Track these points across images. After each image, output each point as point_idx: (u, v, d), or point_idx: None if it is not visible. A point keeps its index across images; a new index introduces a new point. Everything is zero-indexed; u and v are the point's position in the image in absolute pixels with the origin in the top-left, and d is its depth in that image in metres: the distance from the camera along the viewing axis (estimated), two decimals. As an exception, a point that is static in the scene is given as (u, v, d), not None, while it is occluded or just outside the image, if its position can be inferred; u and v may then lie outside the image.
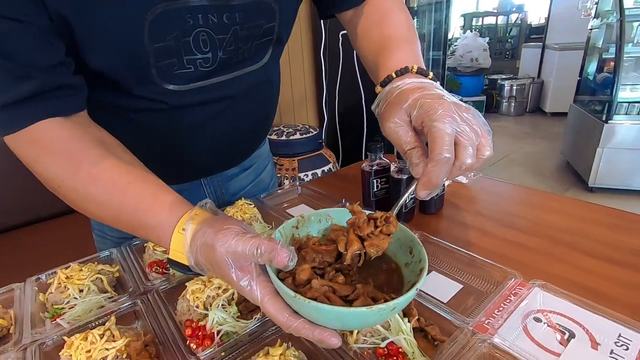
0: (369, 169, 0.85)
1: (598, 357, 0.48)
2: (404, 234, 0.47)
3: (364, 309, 0.35)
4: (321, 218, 0.51)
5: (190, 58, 0.58)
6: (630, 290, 0.59)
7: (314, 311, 0.36)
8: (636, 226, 0.77)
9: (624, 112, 2.69)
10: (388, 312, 0.36)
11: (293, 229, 0.49)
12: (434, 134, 0.40)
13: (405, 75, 0.51)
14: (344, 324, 0.39)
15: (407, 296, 0.36)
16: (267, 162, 1.05)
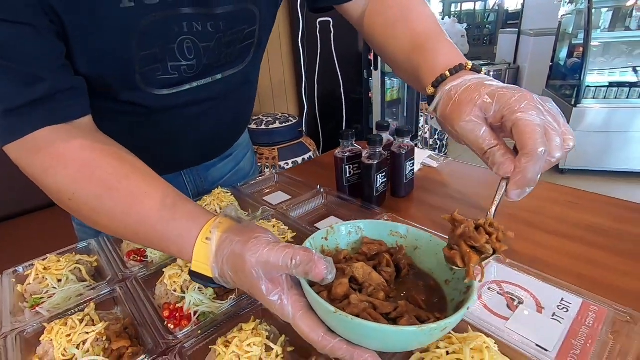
0: (342, 155, 0.89)
1: (542, 319, 0.53)
2: (441, 247, 0.43)
3: (414, 328, 0.32)
4: (351, 230, 0.48)
5: (175, 64, 0.59)
6: (576, 261, 0.65)
7: (356, 329, 0.33)
8: (592, 204, 0.83)
9: (592, 96, 2.81)
10: (438, 332, 0.33)
11: (322, 240, 0.46)
12: (523, 127, 0.36)
13: (460, 72, 0.47)
14: (386, 345, 0.36)
15: (458, 315, 0.34)
16: (247, 151, 1.06)
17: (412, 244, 0.46)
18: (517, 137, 0.37)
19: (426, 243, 0.45)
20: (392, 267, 0.43)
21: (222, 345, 0.45)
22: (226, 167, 0.97)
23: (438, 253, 0.43)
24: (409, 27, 0.59)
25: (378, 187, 0.86)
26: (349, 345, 0.34)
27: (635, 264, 0.62)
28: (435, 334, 0.34)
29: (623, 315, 0.50)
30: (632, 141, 2.79)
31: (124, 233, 0.48)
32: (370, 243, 0.46)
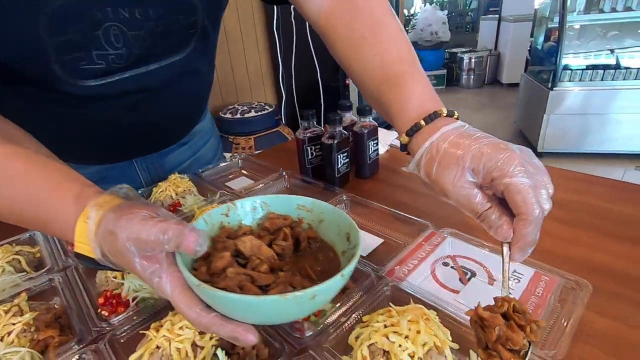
0: (303, 136, 0.86)
1: (492, 290, 0.52)
2: (342, 220, 0.43)
3: (276, 296, 0.30)
4: (256, 206, 0.47)
5: (101, 54, 0.54)
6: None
7: (221, 301, 0.32)
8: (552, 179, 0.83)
9: (568, 79, 2.83)
10: (306, 300, 0.32)
11: (222, 217, 0.44)
12: (516, 192, 0.36)
13: (436, 121, 0.44)
14: (261, 317, 0.34)
15: (328, 284, 0.32)
16: (208, 138, 1.02)
17: (318, 217, 0.45)
18: (511, 202, 0.37)
19: (330, 215, 0.44)
20: (289, 240, 0.42)
21: (154, 330, 0.43)
22: (184, 155, 0.93)
23: (340, 225, 0.43)
24: (379, 49, 0.53)
25: (340, 167, 0.84)
26: (223, 320, 0.33)
27: (585, 233, 0.62)
28: (304, 302, 0.32)
29: (570, 282, 0.50)
30: (608, 123, 2.84)
31: (12, 217, 0.44)
32: (275, 218, 0.44)
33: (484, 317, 0.37)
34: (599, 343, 0.43)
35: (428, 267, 0.58)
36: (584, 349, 0.43)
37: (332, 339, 0.43)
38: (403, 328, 0.39)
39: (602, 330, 0.45)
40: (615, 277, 0.52)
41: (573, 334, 0.42)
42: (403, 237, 0.65)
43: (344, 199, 0.75)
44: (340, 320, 0.45)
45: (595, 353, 0.42)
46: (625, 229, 0.62)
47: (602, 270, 0.54)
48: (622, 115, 2.79)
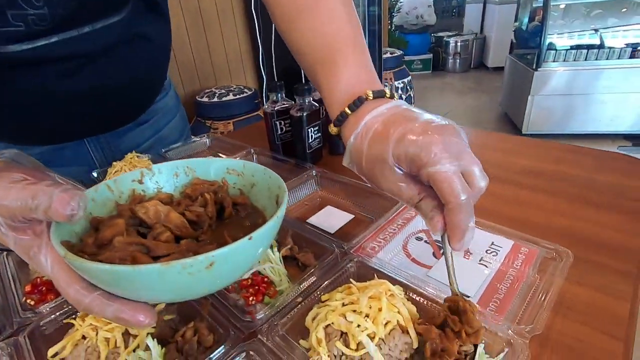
0: (271, 110, 0.80)
1: (467, 264, 0.48)
2: (273, 181, 0.37)
3: (155, 265, 0.24)
4: (178, 171, 0.40)
5: (18, 13, 0.47)
6: (510, 204, 0.60)
7: (90, 274, 0.26)
8: (533, 150, 0.79)
9: (552, 59, 2.81)
10: (201, 269, 0.25)
11: (134, 184, 0.38)
12: (439, 181, 0.32)
13: (362, 108, 0.39)
14: (148, 292, 0.27)
15: (229, 248, 0.26)
16: (172, 117, 0.95)
17: (250, 181, 0.40)
18: (438, 191, 0.33)
19: (261, 178, 0.38)
20: (210, 206, 0.36)
21: (80, 318, 0.37)
22: (143, 135, 0.86)
23: (270, 187, 0.37)
24: (316, 23, 0.47)
25: (311, 142, 0.78)
26: (108, 299, 0.27)
27: (567, 203, 0.58)
28: (199, 272, 0.25)
29: (550, 252, 0.46)
30: (592, 103, 2.83)
31: None
32: (199, 184, 0.39)
33: (418, 331, 0.34)
34: (579, 315, 0.39)
35: (400, 242, 0.53)
36: (564, 322, 0.39)
37: (287, 321, 0.38)
38: (362, 306, 0.34)
39: (584, 301, 0.41)
40: (599, 246, 0.49)
41: (552, 307, 0.38)
42: (375, 212, 0.61)
43: (313, 174, 0.70)
44: (297, 301, 0.40)
45: (576, 327, 0.38)
46: (610, 198, 0.59)
47: (584, 240, 0.50)
48: (606, 95, 2.79)
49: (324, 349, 0.33)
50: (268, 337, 0.36)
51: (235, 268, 0.30)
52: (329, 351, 0.33)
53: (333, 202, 0.66)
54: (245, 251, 0.28)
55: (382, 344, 0.33)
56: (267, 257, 0.46)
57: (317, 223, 0.60)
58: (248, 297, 0.42)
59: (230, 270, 0.29)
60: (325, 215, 0.63)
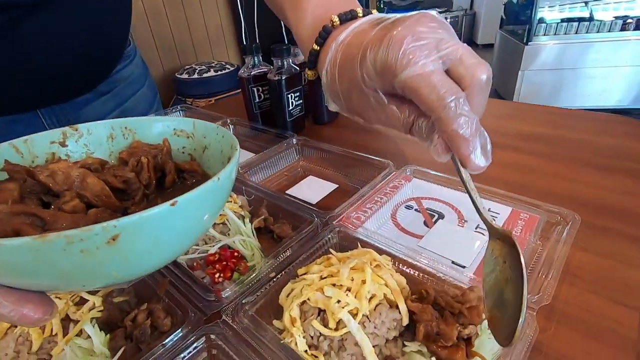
0: (247, 75, 0.73)
1: (463, 233, 0.43)
2: (226, 141, 0.31)
3: (26, 239, 0.17)
4: (114, 132, 0.33)
5: None
6: (508, 169, 0.55)
7: None
8: (530, 115, 0.74)
9: (543, 32, 2.75)
10: (100, 245, 0.18)
11: (53, 146, 0.31)
12: (414, 88, 0.25)
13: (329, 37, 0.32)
14: (28, 279, 0.20)
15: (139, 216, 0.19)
16: (139, 87, 0.86)
17: (201, 144, 0.33)
18: (417, 103, 0.26)
19: (214, 139, 0.32)
20: (146, 172, 0.29)
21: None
22: (106, 106, 0.77)
23: (223, 148, 0.31)
24: None
25: (291, 110, 0.72)
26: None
27: (568, 166, 0.54)
28: (97, 249, 0.18)
29: (553, 215, 0.41)
30: (582, 77, 2.81)
31: None
32: (137, 147, 0.32)
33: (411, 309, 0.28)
34: (588, 284, 0.35)
35: (388, 212, 0.48)
36: (571, 291, 0.34)
37: (258, 300, 0.33)
38: (343, 278, 0.29)
39: (591, 269, 0.37)
40: (605, 211, 0.44)
41: (558, 276, 0.34)
42: (361, 181, 0.55)
43: (293, 143, 0.64)
44: (269, 276, 0.35)
45: (584, 296, 0.34)
46: (614, 161, 0.54)
47: (589, 205, 0.46)
48: (595, 69, 2.76)
49: (298, 330, 0.28)
50: (234, 319, 0.30)
51: (152, 247, 0.21)
52: (304, 332, 0.28)
53: (315, 172, 0.60)
54: (165, 222, 0.20)
55: (366, 322, 0.28)
56: (238, 229, 0.40)
57: (298, 194, 0.54)
58: (214, 273, 0.36)
59: (143, 250, 0.21)
60: (307, 185, 0.57)
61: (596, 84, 2.77)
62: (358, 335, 0.27)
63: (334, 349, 0.27)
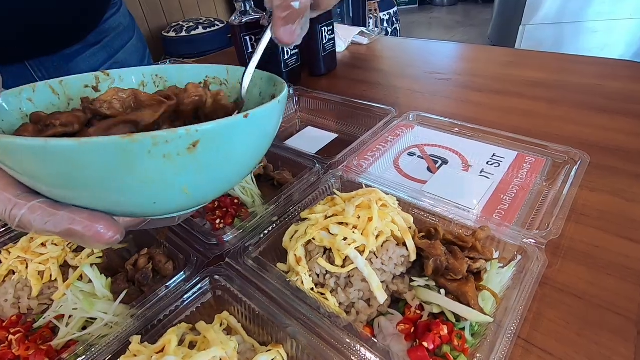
0: (239, 22, 0.68)
1: (467, 177, 0.43)
2: (265, 82, 0.30)
3: (114, 138, 0.16)
4: (145, 80, 0.32)
5: None
6: (512, 115, 0.53)
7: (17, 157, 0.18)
8: (533, 61, 0.71)
9: (547, -17, 2.62)
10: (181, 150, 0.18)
11: (87, 90, 0.30)
12: None
13: None
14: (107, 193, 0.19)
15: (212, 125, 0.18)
16: (128, 39, 0.81)
17: (236, 89, 0.31)
18: None
19: (250, 83, 0.30)
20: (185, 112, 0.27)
21: (5, 251, 0.31)
22: (96, 58, 0.73)
23: (263, 90, 0.30)
24: None
25: (287, 59, 0.68)
26: (54, 207, 0.19)
27: (573, 110, 0.52)
28: (178, 154, 0.18)
29: (561, 156, 0.40)
30: (584, 32, 2.71)
31: None
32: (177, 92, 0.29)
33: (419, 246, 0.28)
34: (594, 221, 0.35)
35: (390, 159, 0.47)
36: (577, 228, 0.34)
37: (261, 242, 0.32)
38: (349, 216, 0.28)
39: (597, 207, 0.36)
40: (611, 151, 0.44)
41: (566, 214, 0.33)
42: (361, 130, 0.54)
43: (290, 93, 0.61)
44: (272, 220, 0.34)
45: (591, 232, 0.34)
46: (619, 103, 0.53)
47: (595, 146, 0.45)
48: (597, 22, 2.67)
49: (304, 268, 0.27)
50: (238, 261, 0.30)
51: (225, 159, 0.21)
52: (310, 270, 0.28)
53: (314, 123, 0.58)
54: (239, 134, 0.20)
55: (373, 258, 0.27)
56: (237, 177, 0.39)
57: (296, 145, 0.52)
58: (215, 220, 0.35)
59: (219, 161, 0.21)
60: (305, 136, 0.55)
61: (598, 38, 2.69)
62: (365, 270, 0.26)
63: (340, 286, 0.27)
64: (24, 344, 0.25)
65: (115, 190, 0.19)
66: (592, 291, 0.29)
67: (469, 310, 0.24)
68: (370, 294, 0.27)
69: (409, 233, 0.28)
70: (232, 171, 0.23)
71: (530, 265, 0.27)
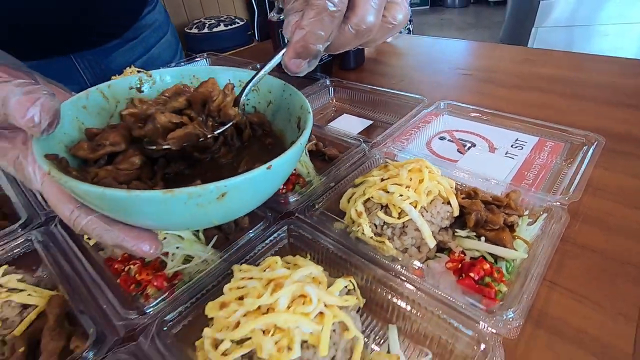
0: (277, 18, 0.74)
1: (494, 157, 0.48)
2: (293, 99, 0.32)
3: (158, 193, 0.20)
4: (183, 80, 0.34)
5: None
6: (532, 107, 0.59)
7: (82, 197, 0.23)
8: (550, 59, 0.76)
9: (560, -14, 2.65)
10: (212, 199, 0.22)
11: (132, 92, 0.32)
12: None
13: None
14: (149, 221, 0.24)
15: (243, 177, 0.22)
16: (162, 34, 0.87)
17: (266, 98, 0.34)
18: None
19: (279, 95, 0.33)
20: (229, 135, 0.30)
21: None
22: (133, 52, 0.79)
23: (291, 107, 0.32)
24: None
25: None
26: (107, 223, 0.23)
27: (592, 105, 0.57)
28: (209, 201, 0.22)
29: (579, 139, 0.45)
30: (595, 35, 2.73)
31: None
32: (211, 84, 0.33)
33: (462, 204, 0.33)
34: (609, 195, 0.40)
35: (423, 142, 0.52)
36: (594, 200, 0.39)
37: (324, 203, 0.38)
38: (403, 178, 0.33)
39: (613, 183, 0.41)
40: (626, 139, 0.48)
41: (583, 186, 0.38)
42: (394, 117, 0.59)
43: (327, 84, 0.67)
44: (329, 185, 0.40)
45: (606, 204, 0.39)
46: (632, 98, 0.57)
47: (612, 135, 0.48)
48: (609, 26, 2.69)
49: (365, 220, 0.33)
50: (306, 215, 0.35)
51: (250, 199, 0.25)
52: (370, 222, 0.33)
53: (348, 111, 0.64)
54: (262, 181, 0.24)
55: (423, 212, 0.33)
56: (294, 151, 0.45)
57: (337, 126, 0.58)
58: (279, 185, 0.41)
59: (244, 202, 0.25)
60: (343, 122, 0.61)
61: (610, 41, 2.71)
62: (419, 221, 0.32)
63: (396, 235, 0.33)
64: (144, 271, 0.31)
65: (157, 222, 0.24)
66: (608, 248, 0.34)
67: (506, 250, 0.29)
68: (421, 241, 0.32)
69: (452, 193, 0.34)
70: (253, 205, 0.27)
71: (554, 222, 0.33)
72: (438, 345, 0.27)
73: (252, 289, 0.24)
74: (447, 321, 0.26)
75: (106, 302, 0.29)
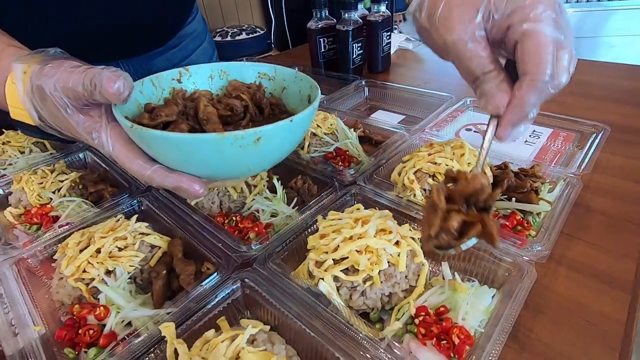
0: (315, 26, 0.83)
1: (514, 145, 0.56)
2: (304, 83, 0.38)
3: (213, 134, 0.27)
4: (213, 74, 0.42)
5: None
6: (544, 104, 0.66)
7: (154, 142, 0.29)
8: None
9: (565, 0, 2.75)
10: (250, 143, 0.28)
11: (173, 82, 0.40)
12: (534, 42, 0.25)
13: None
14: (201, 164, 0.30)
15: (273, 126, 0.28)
16: (200, 42, 0.95)
17: (281, 85, 0.41)
18: (522, 56, 0.27)
19: (292, 81, 0.40)
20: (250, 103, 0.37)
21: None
22: (174, 58, 0.87)
23: (302, 89, 0.39)
24: None
25: (355, 57, 0.83)
26: (166, 171, 0.30)
27: (599, 104, 0.65)
28: (247, 145, 0.28)
29: (587, 128, 0.53)
30: (600, 45, 2.83)
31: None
32: (237, 85, 0.40)
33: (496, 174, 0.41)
34: (615, 171, 0.48)
35: (452, 132, 0.61)
36: (601, 177, 0.47)
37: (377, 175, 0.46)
38: (447, 153, 0.41)
39: (617, 165, 0.49)
40: (628, 131, 0.56)
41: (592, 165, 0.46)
42: (423, 113, 0.67)
43: (362, 84, 0.75)
44: (380, 162, 0.48)
45: (612, 180, 0.47)
46: (636, 97, 0.65)
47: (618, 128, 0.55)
48: (614, 38, 2.78)
49: (417, 186, 0.41)
50: (365, 182, 0.44)
51: (278, 147, 0.32)
52: (421, 187, 0.41)
53: (382, 108, 0.72)
54: (287, 131, 0.30)
55: (465, 179, 0.41)
56: (345, 136, 0.53)
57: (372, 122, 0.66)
58: (337, 162, 0.49)
59: (273, 148, 0.31)
60: (380, 117, 0.69)
61: (615, 52, 2.80)
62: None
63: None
64: (245, 221, 0.39)
65: (207, 165, 0.30)
66: (614, 211, 0.42)
67: (533, 205, 0.37)
68: (463, 202, 0.40)
69: (487, 165, 0.42)
70: (280, 153, 0.33)
71: (570, 188, 0.41)
72: (482, 275, 0.35)
73: (345, 224, 0.32)
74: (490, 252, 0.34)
75: (220, 241, 0.37)
